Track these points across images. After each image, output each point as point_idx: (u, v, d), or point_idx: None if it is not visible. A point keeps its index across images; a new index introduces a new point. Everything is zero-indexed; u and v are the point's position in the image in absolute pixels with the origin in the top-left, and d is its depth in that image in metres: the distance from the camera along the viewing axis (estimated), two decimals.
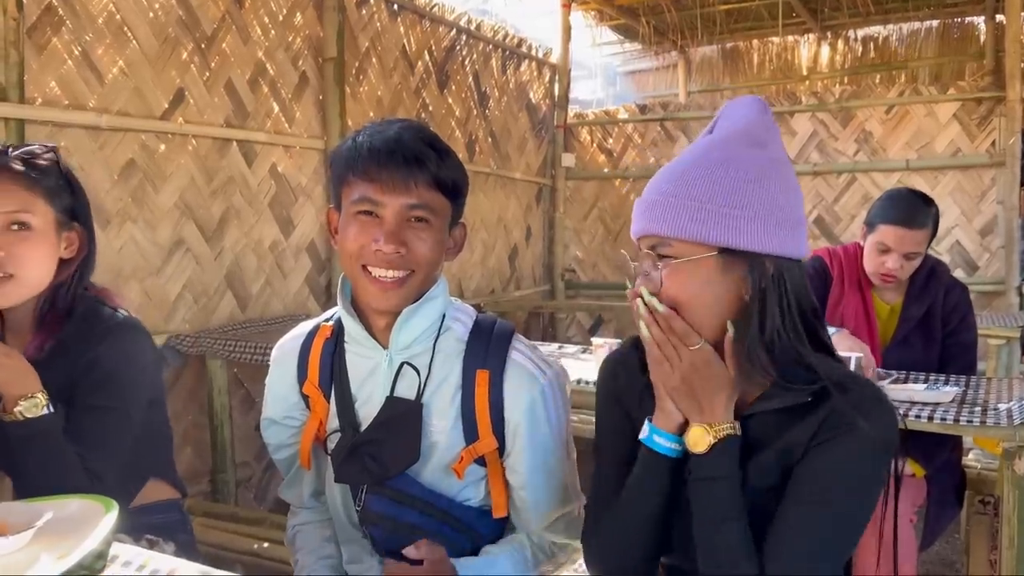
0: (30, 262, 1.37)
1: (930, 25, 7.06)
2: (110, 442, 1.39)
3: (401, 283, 1.18)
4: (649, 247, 1.05)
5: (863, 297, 2.33)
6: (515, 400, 1.22)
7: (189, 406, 3.26)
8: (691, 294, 1.02)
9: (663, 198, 1.03)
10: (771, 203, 1.00)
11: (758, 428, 1.06)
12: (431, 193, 1.17)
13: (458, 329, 1.26)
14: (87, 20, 2.84)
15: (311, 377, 1.32)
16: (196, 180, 3.26)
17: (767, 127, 1.08)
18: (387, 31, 4.45)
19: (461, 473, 1.24)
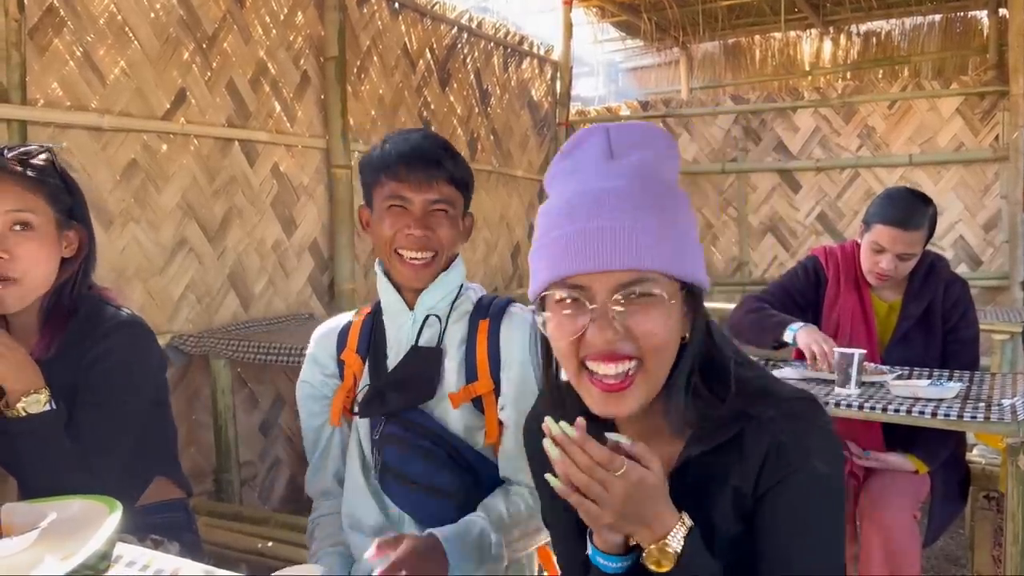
0: (34, 263, 1.38)
1: (932, 19, 7.05)
2: (112, 439, 1.40)
3: (428, 264, 1.42)
4: (619, 286, 0.88)
5: (860, 296, 2.32)
6: (510, 339, 1.43)
7: (193, 406, 3.27)
8: (669, 335, 0.91)
9: (632, 224, 0.87)
10: (696, 234, 0.96)
11: (700, 470, 0.97)
12: (448, 188, 1.41)
13: (471, 295, 1.50)
14: (88, 21, 2.84)
15: (350, 345, 1.52)
16: (198, 180, 3.26)
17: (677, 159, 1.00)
18: (388, 30, 4.45)
19: (456, 403, 1.42)
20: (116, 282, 2.94)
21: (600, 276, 0.88)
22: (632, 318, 0.88)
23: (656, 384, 0.92)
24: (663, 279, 0.89)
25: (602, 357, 0.89)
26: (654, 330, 0.89)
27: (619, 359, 0.89)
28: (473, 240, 5.28)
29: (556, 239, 0.90)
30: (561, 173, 0.96)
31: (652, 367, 0.91)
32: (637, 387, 0.91)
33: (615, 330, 0.88)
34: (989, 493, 2.37)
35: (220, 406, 3.12)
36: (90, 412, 1.39)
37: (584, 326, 0.89)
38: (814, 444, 0.93)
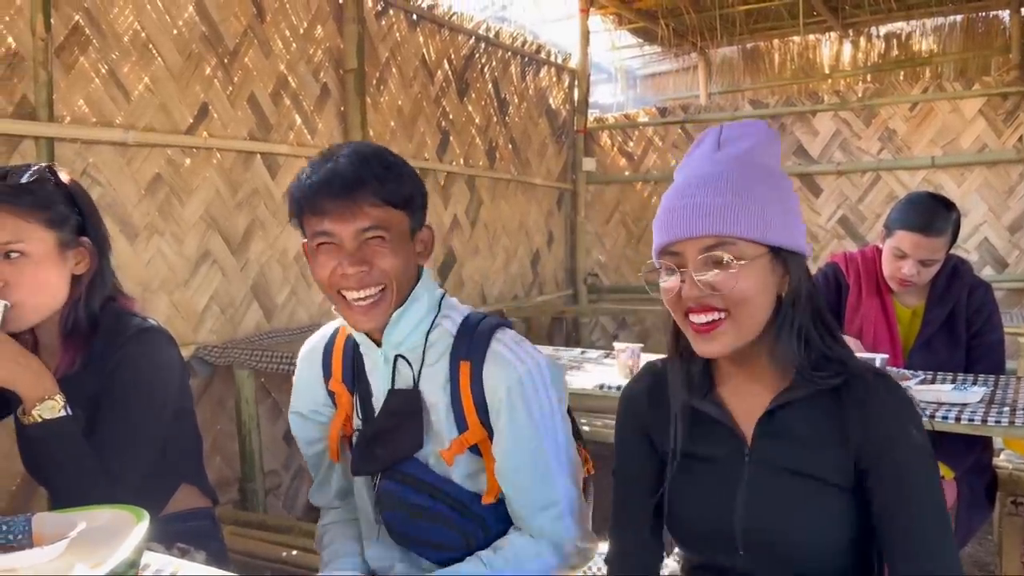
0: (27, 289, 1.38)
1: (954, 20, 6.97)
2: (133, 446, 1.41)
3: (376, 303, 1.25)
4: (703, 249, 1.05)
5: (882, 301, 2.30)
6: (494, 389, 1.26)
7: (218, 416, 3.31)
8: (754, 293, 1.06)
9: (719, 200, 1.05)
10: (797, 208, 1.11)
11: (788, 419, 1.10)
12: (379, 211, 1.22)
13: (447, 325, 1.32)
14: (113, 39, 2.90)
15: (335, 374, 1.40)
16: (221, 193, 3.31)
17: (778, 149, 1.17)
18: (406, 41, 4.49)
19: (450, 460, 1.29)
20: (142, 295, 2.98)
21: (688, 243, 1.06)
22: (716, 277, 1.04)
23: (745, 331, 1.07)
24: (744, 243, 1.04)
25: (695, 310, 1.07)
26: (735, 286, 1.04)
27: (708, 310, 1.06)
28: (492, 248, 5.30)
29: (659, 216, 1.10)
30: (681, 167, 1.15)
31: (739, 316, 1.06)
32: (725, 332, 1.06)
33: (700, 288, 1.05)
34: (1017, 498, 2.33)
35: (244, 416, 3.15)
36: (112, 420, 1.41)
37: (678, 285, 1.07)
38: (907, 413, 1.07)
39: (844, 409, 1.07)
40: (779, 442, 1.10)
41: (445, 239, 4.84)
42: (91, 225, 1.49)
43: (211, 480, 1.74)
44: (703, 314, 1.06)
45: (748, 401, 1.14)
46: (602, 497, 1.49)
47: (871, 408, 1.06)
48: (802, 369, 1.08)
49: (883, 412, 1.05)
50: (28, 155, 2.60)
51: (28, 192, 1.40)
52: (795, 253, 1.09)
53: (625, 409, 1.26)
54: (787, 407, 1.10)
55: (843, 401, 1.08)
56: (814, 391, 1.09)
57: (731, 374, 1.16)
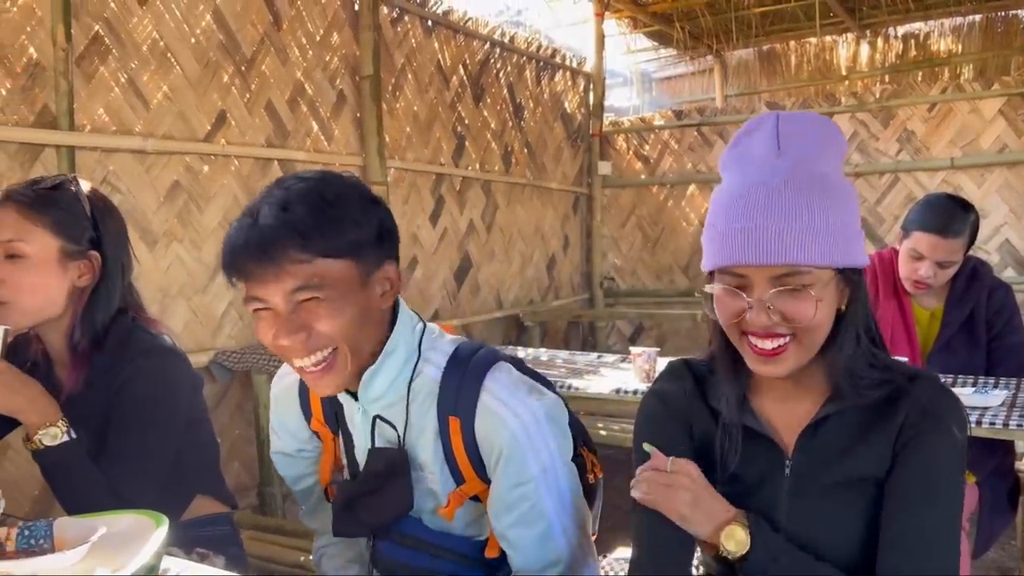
0: (20, 290, 1.39)
1: (972, 20, 6.91)
2: (141, 464, 1.41)
3: (328, 367, 1.09)
4: (775, 278, 0.99)
5: (900, 303, 2.28)
6: (487, 447, 1.14)
7: (236, 421, 3.33)
8: (823, 318, 1.02)
9: (794, 226, 0.98)
10: (858, 220, 1.05)
11: (832, 431, 1.07)
12: (308, 267, 1.03)
13: (430, 372, 1.18)
14: (132, 48, 2.93)
15: (315, 415, 1.30)
16: (239, 199, 3.34)
17: (843, 149, 1.09)
18: (422, 47, 4.51)
19: (451, 516, 1.19)
20: (161, 301, 3.01)
21: (758, 269, 1.00)
22: (785, 305, 1.00)
23: (809, 353, 1.03)
24: (818, 271, 0.99)
25: (759, 335, 1.02)
26: (806, 315, 1.00)
27: (774, 336, 1.01)
28: (508, 253, 5.31)
29: (723, 233, 1.01)
30: (732, 160, 1.07)
31: (804, 341, 1.02)
32: (790, 355, 1.02)
33: (769, 316, 1.00)
34: None
35: (262, 421, 3.17)
36: (120, 440, 1.40)
37: (744, 309, 1.01)
38: (952, 411, 1.03)
39: (890, 414, 1.04)
40: (821, 455, 1.06)
41: (461, 244, 4.86)
42: (108, 242, 1.48)
43: (229, 485, 1.75)
44: (768, 340, 1.01)
45: (788, 413, 1.10)
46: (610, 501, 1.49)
47: (915, 406, 1.03)
48: (851, 379, 1.05)
49: (926, 407, 1.02)
50: (49, 164, 2.64)
51: (45, 198, 1.41)
52: (856, 270, 1.04)
53: (662, 408, 1.17)
54: (832, 417, 1.06)
55: (889, 406, 1.04)
56: (859, 402, 1.05)
57: (772, 385, 1.11)
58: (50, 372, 1.50)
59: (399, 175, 4.32)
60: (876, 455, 1.04)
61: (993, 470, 2.15)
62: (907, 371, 1.07)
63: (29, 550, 1.06)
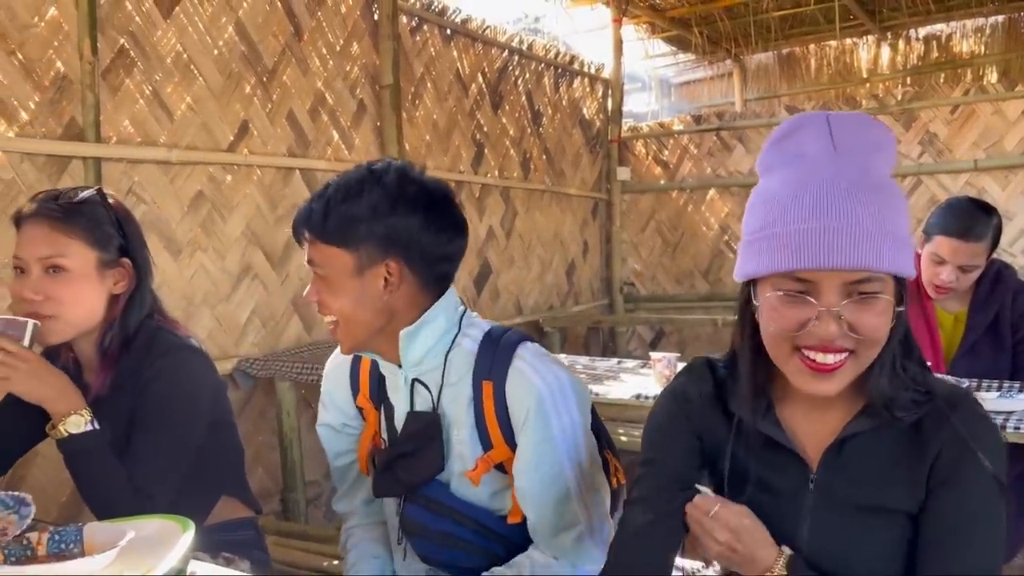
0: (66, 303, 1.43)
1: (995, 20, 6.84)
2: (166, 462, 1.44)
3: (335, 330, 1.29)
4: (849, 283, 0.92)
5: (923, 308, 2.26)
6: (516, 408, 1.25)
7: (259, 427, 3.36)
8: (885, 333, 0.95)
9: (870, 228, 0.91)
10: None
11: (860, 451, 1.02)
12: (313, 245, 1.27)
13: (467, 344, 1.31)
14: (157, 61, 2.98)
15: (363, 390, 1.41)
16: (261, 208, 3.38)
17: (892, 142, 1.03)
18: (441, 56, 4.54)
19: (477, 480, 1.28)
20: (185, 309, 3.05)
21: (830, 274, 0.92)
22: (856, 315, 0.92)
23: (861, 370, 0.96)
24: (886, 277, 0.93)
25: (818, 349, 0.94)
26: (877, 327, 0.93)
27: (836, 351, 0.94)
28: (527, 259, 5.32)
29: (785, 232, 0.93)
30: (780, 161, 0.99)
31: (862, 356, 0.95)
32: (846, 371, 0.95)
33: (839, 327, 0.92)
34: None
35: (285, 427, 3.20)
36: (142, 435, 1.43)
37: (808, 319, 0.93)
38: (990, 443, 0.97)
39: (924, 443, 0.98)
40: (848, 475, 1.01)
41: (480, 251, 4.87)
42: (134, 248, 1.53)
43: (253, 491, 1.77)
44: (831, 355, 0.94)
45: (815, 425, 1.05)
46: None
47: (947, 433, 0.97)
48: (887, 398, 0.98)
49: (965, 440, 0.96)
50: (76, 175, 2.69)
51: (74, 211, 1.45)
52: (907, 280, 0.98)
53: (677, 407, 1.14)
54: (860, 435, 1.01)
55: (924, 434, 0.99)
56: (890, 422, 0.99)
57: (798, 394, 1.04)
58: (79, 377, 1.53)
59: None
60: (907, 487, 0.99)
61: (1019, 474, 2.13)
62: (947, 394, 1.00)
63: (60, 554, 1.09)
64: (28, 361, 1.36)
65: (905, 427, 0.99)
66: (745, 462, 1.07)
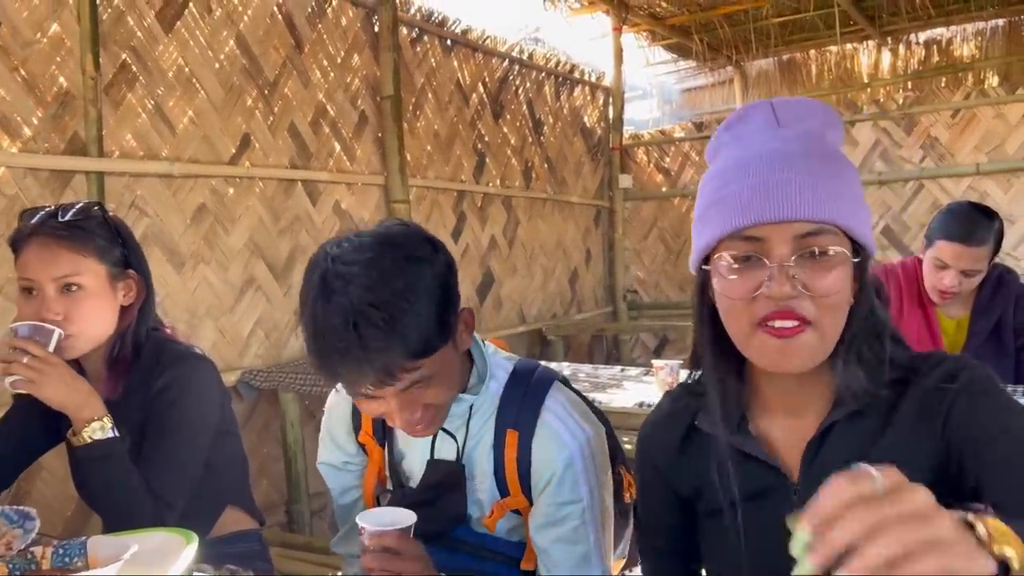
0: (85, 320, 1.45)
1: (996, 24, 6.84)
2: (176, 467, 1.45)
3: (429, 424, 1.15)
4: (798, 237, 0.86)
5: (925, 313, 2.26)
6: (543, 466, 1.18)
7: (264, 439, 3.36)
8: (846, 296, 0.89)
9: (814, 180, 0.86)
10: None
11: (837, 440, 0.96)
12: (421, 370, 1.06)
13: (493, 387, 1.23)
14: (159, 75, 3.00)
15: (364, 428, 1.35)
16: (264, 220, 3.39)
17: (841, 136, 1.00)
18: (441, 67, 4.56)
19: (493, 527, 1.25)
20: (188, 321, 3.06)
21: (778, 227, 0.86)
22: (809, 273, 0.86)
23: (827, 345, 0.89)
24: (840, 236, 0.87)
25: (778, 314, 0.87)
26: (832, 288, 0.87)
27: (794, 317, 0.86)
28: (530, 267, 5.32)
29: (731, 193, 0.89)
30: (724, 144, 0.97)
31: (825, 327, 0.88)
32: (805, 343, 0.87)
33: (793, 285, 0.86)
34: None
35: (290, 439, 3.20)
36: (155, 442, 1.45)
37: (760, 281, 0.87)
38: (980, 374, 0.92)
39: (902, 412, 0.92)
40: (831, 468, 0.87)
41: (483, 260, 4.88)
42: (135, 258, 1.55)
43: (258, 503, 1.77)
44: (788, 320, 0.87)
45: (789, 430, 0.99)
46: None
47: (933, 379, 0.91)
48: (857, 379, 0.92)
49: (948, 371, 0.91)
50: (80, 190, 2.70)
51: (80, 227, 1.46)
52: (869, 255, 0.93)
53: (644, 452, 1.11)
54: (837, 425, 0.95)
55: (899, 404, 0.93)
56: (867, 402, 0.93)
57: (770, 400, 1.00)
58: None
59: (421, 193, 4.36)
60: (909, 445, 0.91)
61: None
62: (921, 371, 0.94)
63: (64, 568, 1.09)
64: (56, 366, 1.37)
65: (883, 402, 0.93)
66: (728, 481, 1.00)
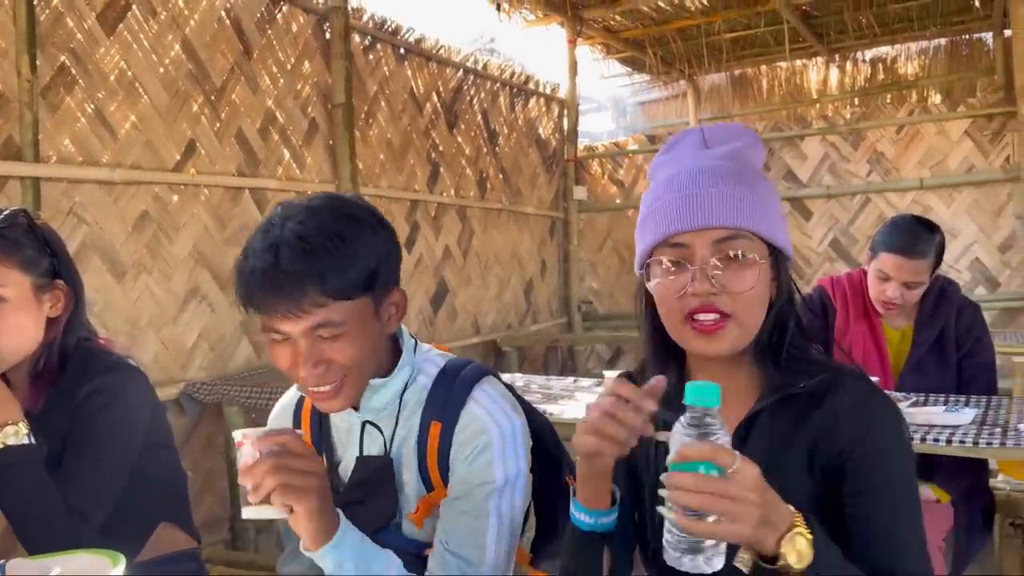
0: (8, 333, 1.38)
1: (938, 43, 7.05)
2: (96, 480, 1.39)
3: (335, 393, 1.13)
4: (715, 242, 1.00)
5: (871, 324, 2.29)
6: (460, 447, 1.17)
7: (208, 454, 3.27)
8: (761, 293, 1.02)
9: (730, 191, 1.00)
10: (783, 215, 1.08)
11: (763, 427, 1.05)
12: (330, 309, 1.06)
13: (422, 381, 1.23)
14: (99, 78, 2.91)
15: (304, 438, 1.27)
16: (210, 229, 3.31)
17: (761, 154, 1.15)
18: (395, 75, 4.52)
19: (420, 523, 1.22)
20: (129, 332, 2.97)
21: (699, 234, 1.00)
22: (727, 275, 0.99)
23: (746, 333, 1.02)
24: (756, 241, 1.01)
25: (702, 309, 1.00)
26: (748, 286, 1.00)
27: (714, 311, 1.00)
28: (484, 278, 5.30)
29: (660, 206, 1.03)
30: (661, 165, 1.12)
31: (743, 318, 1.01)
32: (727, 333, 1.01)
33: (713, 284, 0.99)
34: (1015, 520, 2.30)
35: (233, 454, 3.11)
36: (76, 454, 1.39)
37: (686, 282, 1.00)
38: (887, 414, 1.02)
39: (820, 408, 1.02)
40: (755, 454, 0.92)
41: (437, 270, 4.84)
42: (64, 267, 1.48)
43: (202, 519, 1.72)
44: (710, 314, 1.00)
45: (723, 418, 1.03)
46: None
47: (846, 405, 1.01)
48: (778, 367, 1.05)
49: (859, 410, 1.00)
50: (14, 196, 2.60)
51: (4, 237, 1.39)
52: (786, 257, 1.06)
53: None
54: (762, 413, 1.05)
55: (820, 400, 1.02)
56: (785, 396, 1.03)
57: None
58: None
59: (373, 202, 4.25)
60: (805, 463, 1.01)
61: (967, 489, 2.15)
62: (839, 368, 1.06)
63: None
64: None
65: (802, 403, 1.03)
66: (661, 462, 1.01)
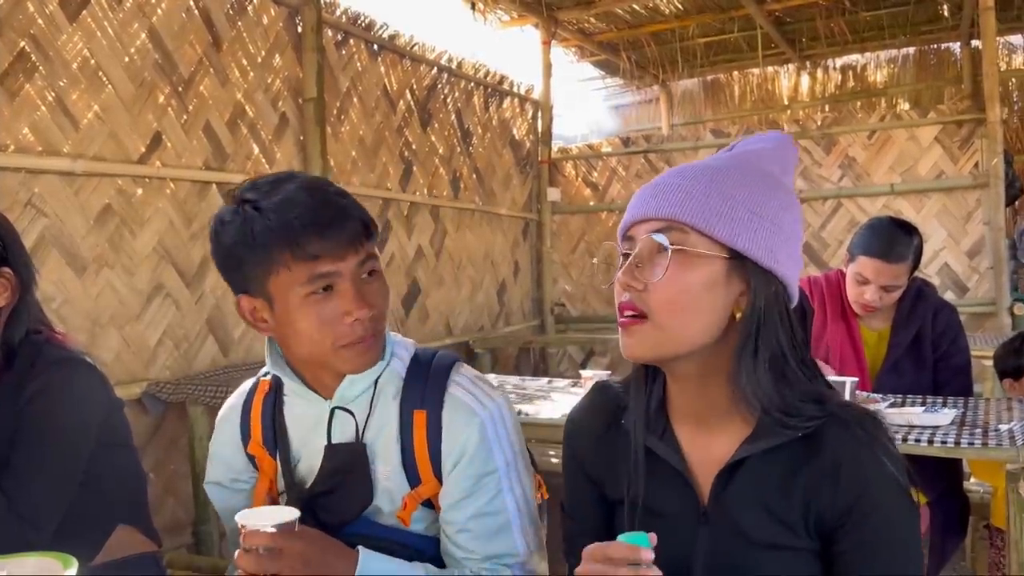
0: None
1: (907, 52, 7.16)
2: (47, 484, 1.32)
3: (374, 346, 1.14)
4: (653, 231, 0.91)
5: (848, 325, 2.28)
6: (453, 438, 1.14)
7: (171, 455, 3.17)
8: (691, 295, 0.90)
9: (687, 183, 0.92)
10: (790, 230, 0.95)
11: (750, 474, 0.94)
12: (371, 242, 1.12)
13: (396, 366, 1.20)
14: (61, 66, 2.81)
15: (255, 436, 1.26)
16: (175, 224, 3.21)
17: (791, 160, 1.05)
18: (368, 71, 4.45)
19: (408, 520, 1.18)
20: (91, 329, 2.87)
21: (639, 226, 0.94)
22: (648, 269, 0.90)
23: (670, 341, 0.91)
24: (696, 236, 0.90)
25: (622, 305, 0.93)
26: (659, 282, 0.89)
27: (630, 308, 0.92)
28: (457, 279, 5.24)
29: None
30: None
31: (660, 320, 0.90)
32: (643, 332, 0.91)
33: (631, 278, 0.91)
34: (988, 522, 2.31)
35: (198, 455, 3.02)
36: (24, 451, 1.32)
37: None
38: (890, 468, 0.91)
39: (816, 459, 0.91)
40: (740, 503, 0.93)
41: (409, 270, 4.77)
42: (13, 256, 1.42)
43: (164, 523, 1.65)
44: (626, 310, 0.93)
45: (707, 448, 0.97)
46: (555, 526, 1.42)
47: (846, 457, 0.90)
48: (770, 411, 0.92)
49: (859, 463, 0.90)
50: None
51: None
52: (765, 272, 0.92)
53: (568, 443, 1.12)
54: (751, 459, 0.94)
55: (816, 449, 0.92)
56: (783, 440, 0.92)
57: (688, 411, 0.99)
58: None
59: None
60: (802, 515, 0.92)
61: (943, 491, 2.15)
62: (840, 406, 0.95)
63: None
64: None
65: (800, 445, 0.92)
66: (637, 484, 0.99)
